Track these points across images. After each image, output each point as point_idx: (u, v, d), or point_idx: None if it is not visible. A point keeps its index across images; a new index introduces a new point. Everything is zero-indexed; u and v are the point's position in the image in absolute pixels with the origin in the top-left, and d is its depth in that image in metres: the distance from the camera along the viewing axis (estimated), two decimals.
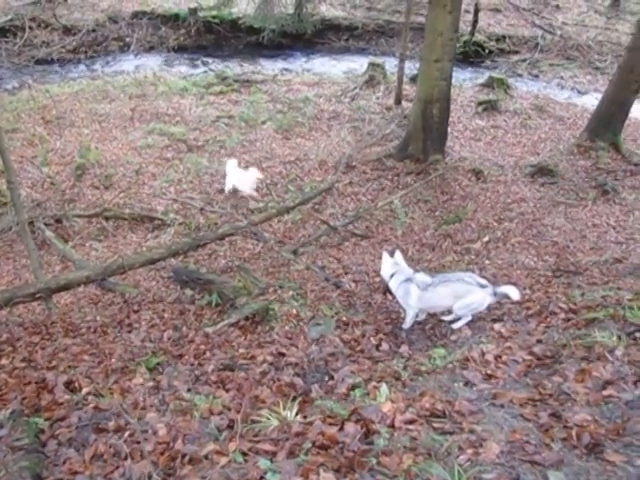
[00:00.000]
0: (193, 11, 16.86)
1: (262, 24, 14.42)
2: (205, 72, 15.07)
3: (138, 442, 2.74)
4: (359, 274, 6.29)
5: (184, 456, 2.54)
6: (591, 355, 3.40)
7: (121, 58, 15.98)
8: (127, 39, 16.25)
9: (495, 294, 4.68)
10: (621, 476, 2.26)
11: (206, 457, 2.55)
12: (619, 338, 3.54)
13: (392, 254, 5.08)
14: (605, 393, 2.91)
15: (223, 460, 2.46)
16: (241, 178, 8.83)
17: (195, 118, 11.72)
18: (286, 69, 15.54)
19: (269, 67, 15.55)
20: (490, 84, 13.92)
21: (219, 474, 2.32)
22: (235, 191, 8.88)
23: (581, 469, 2.32)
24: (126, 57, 15.99)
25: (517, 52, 17.27)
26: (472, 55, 16.60)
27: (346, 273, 6.39)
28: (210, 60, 16.04)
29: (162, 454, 2.63)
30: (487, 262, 6.66)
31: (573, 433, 2.55)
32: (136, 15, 16.69)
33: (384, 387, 2.97)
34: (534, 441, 2.51)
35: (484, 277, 6.00)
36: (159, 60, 15.92)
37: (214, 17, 16.95)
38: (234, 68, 15.37)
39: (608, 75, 13.03)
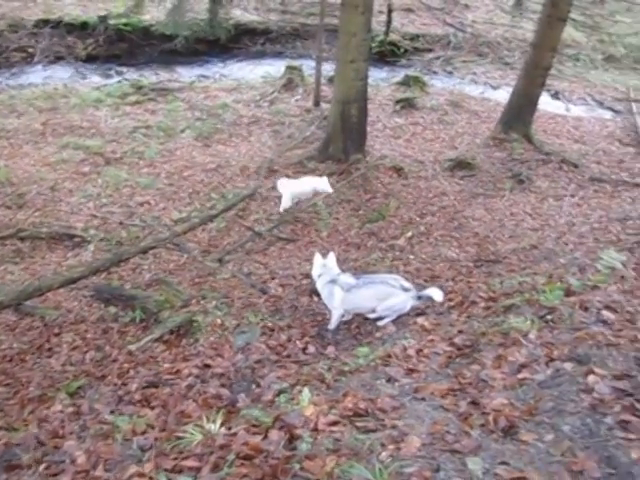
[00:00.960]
0: (103, 19, 16.19)
1: (174, 31, 14.18)
2: (119, 82, 14.61)
3: (55, 474, 2.62)
4: (286, 278, 6.27)
5: None
6: (507, 341, 3.51)
7: (27, 70, 15.17)
8: (30, 49, 15.51)
9: (419, 297, 4.77)
10: (532, 453, 2.34)
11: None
12: (532, 322, 3.68)
13: (325, 255, 5.12)
14: (520, 376, 3.01)
15: None
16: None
17: (111, 130, 11.37)
18: (203, 76, 15.33)
19: (185, 74, 15.28)
20: (407, 82, 14.23)
21: None
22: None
23: (497, 452, 2.39)
24: (32, 69, 15.19)
25: (431, 50, 17.74)
26: (388, 54, 16.91)
27: (273, 278, 6.36)
28: (124, 69, 15.55)
29: None
30: (411, 257, 6.79)
31: (490, 418, 2.62)
32: (38, 24, 15.86)
33: (306, 391, 2.96)
34: (454, 430, 2.56)
35: (407, 272, 6.16)
36: (69, 71, 15.27)
37: (125, 25, 16.37)
38: (149, 77, 14.99)
39: (517, 70, 13.56)
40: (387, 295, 4.66)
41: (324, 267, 4.97)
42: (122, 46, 16.40)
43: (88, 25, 16.28)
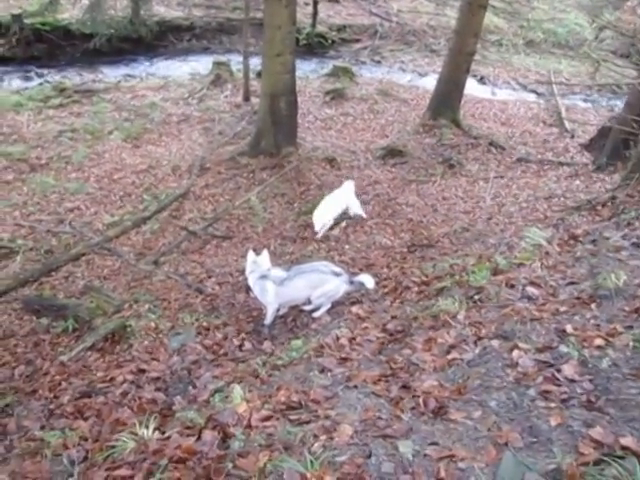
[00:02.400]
0: (17, 18, 15.15)
1: (93, 30, 13.69)
2: (41, 84, 14.01)
3: None
4: (222, 276, 6.22)
5: None
6: (437, 323, 3.59)
7: None
8: None
9: (352, 282, 4.81)
10: (461, 431, 2.41)
11: None
12: (461, 303, 3.77)
13: (259, 252, 5.07)
14: (449, 357, 3.08)
15: None
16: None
17: (35, 135, 10.94)
18: (129, 75, 14.90)
19: (111, 74, 14.82)
20: (335, 73, 14.29)
21: None
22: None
23: (428, 433, 2.44)
24: None
25: (358, 40, 17.86)
26: (315, 46, 16.92)
27: (209, 277, 6.30)
28: (45, 71, 14.87)
29: None
30: (346, 247, 6.84)
31: (421, 401, 2.68)
32: None
33: (237, 388, 2.94)
34: (385, 416, 2.60)
35: (342, 262, 6.20)
36: None
37: (43, 24, 15.47)
38: (73, 78, 14.45)
39: (443, 57, 13.83)
40: (320, 282, 4.68)
41: (254, 264, 4.92)
42: (41, 47, 15.57)
43: (0, 24, 15.33)
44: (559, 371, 2.69)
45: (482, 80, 15.52)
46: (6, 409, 3.86)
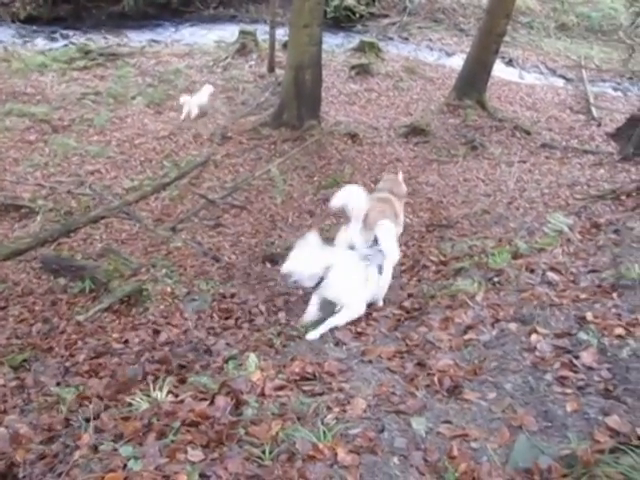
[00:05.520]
0: None
1: None
2: (66, 46, 14.00)
3: None
4: (239, 245, 6.22)
5: (42, 457, 2.38)
6: (455, 303, 3.57)
7: None
8: None
9: None
10: (475, 411, 2.40)
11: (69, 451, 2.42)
12: (480, 284, 3.74)
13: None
14: (466, 337, 3.07)
15: (86, 451, 2.34)
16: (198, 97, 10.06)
17: (58, 96, 10.95)
18: (154, 40, 14.81)
19: (136, 39, 14.75)
20: (362, 48, 14.10)
21: (80, 468, 2.21)
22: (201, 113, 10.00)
23: (441, 411, 2.44)
24: None
25: (387, 16, 17.58)
26: (343, 20, 16.67)
27: (226, 245, 6.30)
28: (70, 33, 14.88)
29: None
30: None
31: (435, 379, 2.67)
32: None
33: (252, 356, 2.95)
34: (399, 392, 2.60)
35: None
36: (9, 33, 14.51)
37: None
38: (98, 41, 14.40)
39: (472, 36, 13.59)
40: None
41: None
42: (67, 7, 15.60)
43: None
44: (577, 358, 2.66)
45: (510, 62, 15.24)
46: (24, 364, 3.92)
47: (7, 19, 14.64)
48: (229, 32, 15.03)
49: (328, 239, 5.89)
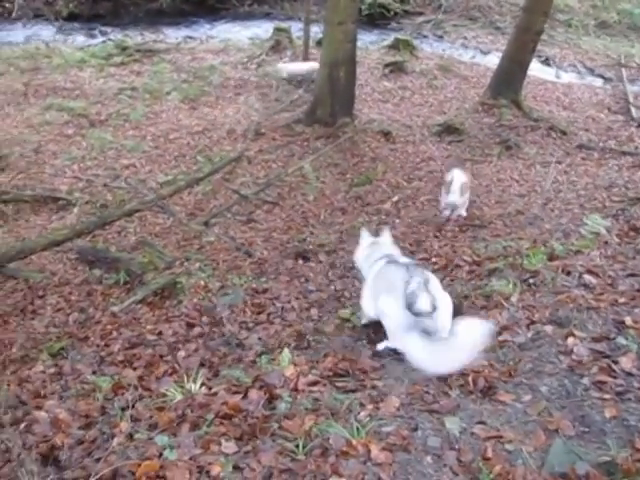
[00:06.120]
0: None
1: None
2: (104, 42, 14.25)
3: (34, 434, 2.61)
4: (271, 241, 6.26)
5: (80, 442, 2.44)
6: (489, 304, 3.54)
7: (5, 27, 14.70)
8: (7, 4, 14.92)
9: None
10: (510, 413, 2.38)
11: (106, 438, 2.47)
12: (515, 285, 3.70)
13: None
14: (501, 338, 3.04)
15: (123, 439, 2.39)
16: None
17: (96, 91, 11.15)
18: (190, 37, 14.96)
19: (172, 35, 14.92)
20: (396, 46, 14.01)
21: (117, 455, 2.25)
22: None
23: (475, 412, 2.42)
24: (11, 26, 14.76)
25: (421, 13, 17.45)
26: (377, 17, 16.58)
27: (258, 241, 6.34)
28: (109, 29, 15.13)
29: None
30: (397, 221, 6.79)
31: (470, 379, 2.66)
32: None
33: (286, 352, 2.98)
34: (433, 391, 2.59)
35: (394, 237, 6.15)
36: (51, 30, 14.83)
37: None
38: (135, 37, 14.61)
39: (508, 35, 13.40)
40: None
41: (374, 245, 3.84)
42: (106, 5, 15.90)
43: None
44: (616, 363, 2.62)
45: (547, 61, 14.98)
46: (61, 352, 4.01)
47: (50, 17, 14.94)
48: (263, 29, 15.10)
49: None
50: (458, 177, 6.61)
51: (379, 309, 3.20)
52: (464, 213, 6.80)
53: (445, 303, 3.14)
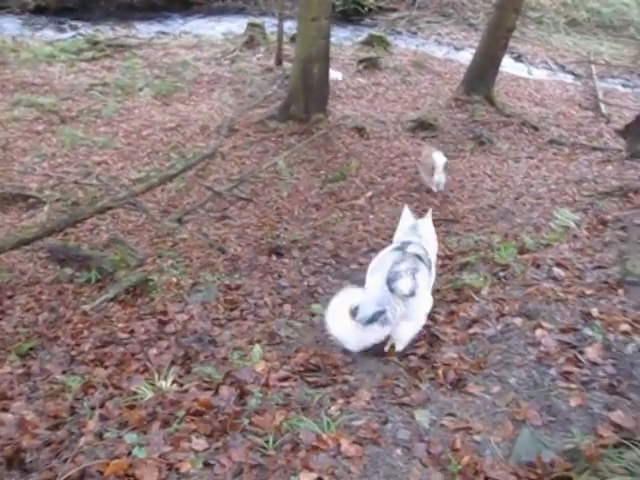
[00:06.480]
0: None
1: None
2: (74, 37, 14.02)
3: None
4: (244, 237, 6.23)
5: (48, 443, 2.40)
6: (460, 297, 3.57)
7: None
8: None
9: None
10: (479, 404, 2.40)
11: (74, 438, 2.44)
12: (485, 279, 3.74)
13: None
14: (471, 331, 3.07)
15: (91, 438, 2.36)
16: None
17: (66, 87, 10.98)
18: (162, 32, 14.81)
19: (144, 30, 14.75)
20: (370, 42, 14.07)
21: (85, 455, 2.23)
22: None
23: (445, 404, 2.45)
24: None
25: (395, 10, 17.53)
26: (351, 13, 16.64)
27: (232, 237, 6.31)
28: (79, 24, 14.85)
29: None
30: (371, 217, 6.80)
31: (440, 372, 2.68)
32: None
33: (257, 347, 2.97)
34: (403, 384, 2.61)
35: (366, 232, 6.19)
36: (17, 23, 14.49)
37: None
38: (106, 32, 14.39)
39: (481, 31, 13.52)
40: None
41: (413, 230, 3.65)
42: None
43: None
44: (582, 353, 2.67)
45: (519, 58, 15.15)
46: (30, 352, 3.95)
47: (16, 10, 14.62)
48: (237, 25, 15.03)
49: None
50: (439, 159, 7.46)
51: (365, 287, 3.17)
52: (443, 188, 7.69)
53: (424, 300, 3.12)
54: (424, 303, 3.12)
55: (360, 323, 2.74)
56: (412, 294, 2.93)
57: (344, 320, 2.77)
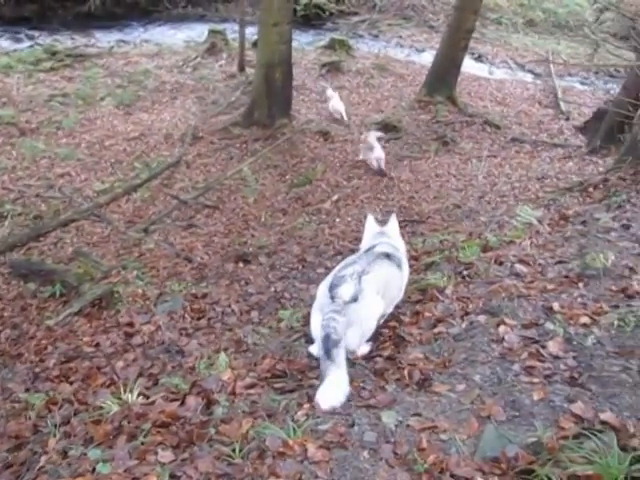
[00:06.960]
0: None
1: None
2: (31, 47, 13.70)
3: None
4: (211, 245, 6.20)
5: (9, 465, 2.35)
6: (425, 297, 3.60)
7: None
8: None
9: None
10: (444, 403, 2.43)
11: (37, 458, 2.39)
12: (449, 278, 3.78)
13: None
14: (435, 331, 3.10)
15: (54, 457, 2.32)
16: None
17: (25, 98, 10.76)
18: (123, 41, 14.62)
19: (104, 39, 14.53)
20: (332, 46, 14.13)
21: (48, 474, 2.18)
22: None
23: (411, 404, 2.46)
24: None
25: (356, 13, 17.65)
26: (313, 18, 16.68)
27: (199, 246, 6.27)
28: (36, 33, 14.52)
29: None
30: (337, 220, 6.83)
31: (405, 373, 2.69)
32: None
33: (222, 356, 2.96)
34: (370, 386, 2.62)
35: (332, 235, 6.22)
36: None
37: None
38: (65, 42, 14.12)
39: (442, 33, 13.70)
40: None
41: (381, 235, 3.63)
42: (32, 7, 15.12)
43: None
44: (544, 347, 2.71)
45: (479, 58, 15.39)
46: None
47: None
48: (198, 31, 14.94)
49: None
50: (373, 136, 8.47)
51: None
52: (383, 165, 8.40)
53: (370, 303, 2.99)
54: (371, 306, 3.00)
55: (323, 360, 2.65)
56: (354, 299, 2.86)
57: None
